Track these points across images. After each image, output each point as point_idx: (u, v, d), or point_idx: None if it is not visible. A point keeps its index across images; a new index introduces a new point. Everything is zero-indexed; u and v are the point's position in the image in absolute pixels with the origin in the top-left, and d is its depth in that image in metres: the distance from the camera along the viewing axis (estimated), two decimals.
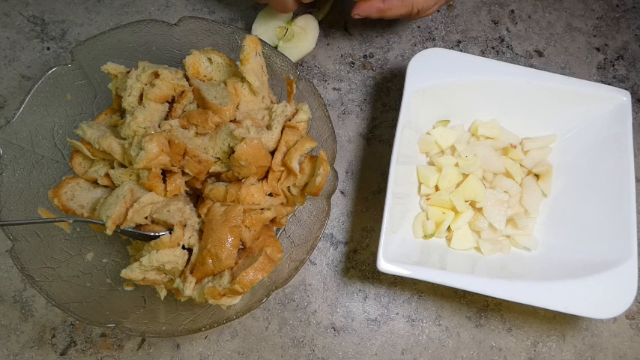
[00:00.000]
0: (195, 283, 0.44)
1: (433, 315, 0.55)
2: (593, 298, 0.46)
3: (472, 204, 0.55)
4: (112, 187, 0.48)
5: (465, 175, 0.56)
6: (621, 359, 0.54)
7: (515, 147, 0.57)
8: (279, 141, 0.47)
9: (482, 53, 0.66)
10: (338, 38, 0.65)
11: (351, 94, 0.63)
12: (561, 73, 0.57)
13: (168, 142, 0.45)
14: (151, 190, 0.45)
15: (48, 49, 0.64)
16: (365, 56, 0.65)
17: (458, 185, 0.56)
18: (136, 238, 0.47)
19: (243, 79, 0.48)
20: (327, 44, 0.65)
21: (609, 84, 0.64)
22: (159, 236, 0.44)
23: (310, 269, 0.56)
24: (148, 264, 0.43)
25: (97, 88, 0.52)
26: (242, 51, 0.46)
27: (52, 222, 0.45)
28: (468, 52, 0.64)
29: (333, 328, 0.54)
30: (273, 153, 0.47)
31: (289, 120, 0.48)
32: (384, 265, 0.46)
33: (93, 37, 0.49)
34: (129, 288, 0.49)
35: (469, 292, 0.47)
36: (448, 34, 0.67)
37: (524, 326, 0.55)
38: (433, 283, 0.52)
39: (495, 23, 0.68)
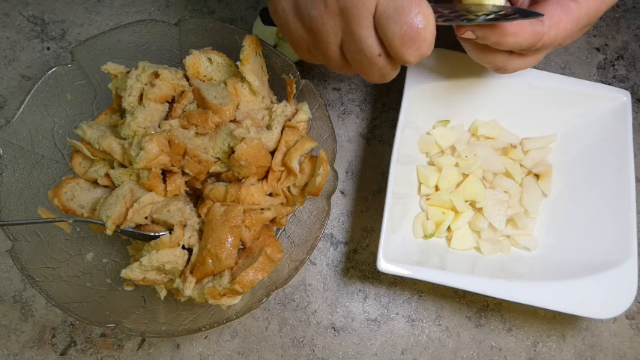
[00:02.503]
0: (195, 283, 0.44)
1: (433, 315, 0.55)
2: (593, 298, 0.46)
3: (472, 204, 0.55)
4: (112, 187, 0.48)
5: (465, 175, 0.56)
6: (621, 359, 0.54)
7: (515, 147, 0.57)
8: (279, 141, 0.47)
9: None
10: None
11: (351, 94, 0.63)
12: (561, 73, 0.57)
13: (168, 142, 0.45)
14: (151, 190, 0.45)
15: (48, 49, 0.64)
16: None
17: (458, 185, 0.56)
18: (136, 238, 0.47)
19: (243, 79, 0.48)
20: None
21: (609, 84, 0.64)
22: (159, 236, 0.44)
23: (310, 269, 0.56)
24: (148, 264, 0.43)
25: (97, 88, 0.52)
26: (242, 51, 0.47)
27: (52, 222, 0.45)
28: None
29: (333, 328, 0.54)
30: (273, 153, 0.47)
31: (289, 120, 0.48)
32: (384, 265, 0.46)
33: (93, 37, 0.49)
34: (129, 288, 0.49)
35: (469, 292, 0.47)
36: (448, 34, 0.67)
37: (524, 326, 0.55)
38: (433, 283, 0.52)
39: None
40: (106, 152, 0.46)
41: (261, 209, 0.47)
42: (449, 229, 0.55)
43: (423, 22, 0.34)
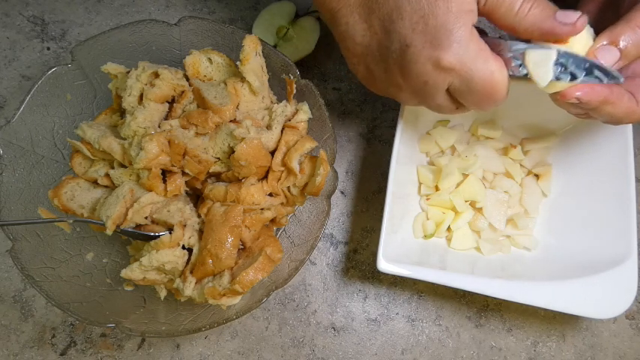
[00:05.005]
0: (195, 283, 0.44)
1: (433, 315, 0.55)
2: (593, 298, 0.46)
3: (472, 204, 0.55)
4: (112, 187, 0.48)
5: (465, 175, 0.56)
6: (621, 359, 0.54)
7: (515, 147, 0.57)
8: (279, 141, 0.47)
9: None
10: None
11: (351, 94, 0.63)
12: None
13: (168, 142, 0.45)
14: (151, 190, 0.45)
15: (48, 49, 0.64)
16: None
17: (458, 185, 0.56)
18: (136, 238, 0.47)
19: (243, 79, 0.48)
20: (327, 44, 0.65)
21: None
22: (159, 236, 0.44)
23: (310, 269, 0.56)
24: (148, 264, 0.43)
25: (97, 88, 0.52)
26: (242, 51, 0.47)
27: (52, 222, 0.45)
28: None
29: (333, 328, 0.54)
30: (273, 153, 0.47)
31: (289, 120, 0.48)
32: (384, 265, 0.46)
33: (93, 37, 0.49)
34: (129, 288, 0.49)
35: (469, 292, 0.47)
36: None
37: (524, 326, 0.55)
38: (433, 283, 0.52)
39: None
40: (106, 152, 0.46)
41: (261, 209, 0.47)
42: (449, 229, 0.55)
43: (496, 88, 0.37)
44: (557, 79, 0.37)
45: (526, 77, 0.38)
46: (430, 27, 0.35)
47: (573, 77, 0.37)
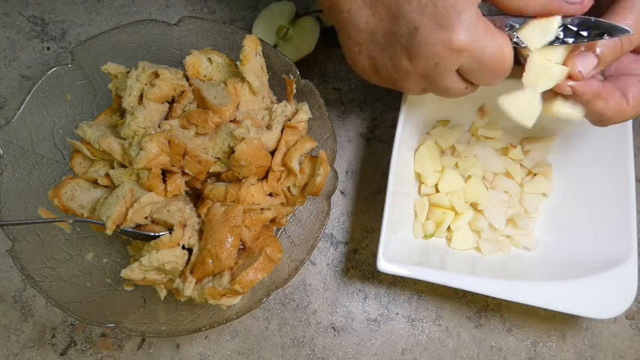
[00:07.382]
0: (195, 283, 0.44)
1: (433, 315, 0.55)
2: (593, 298, 0.46)
3: (472, 204, 0.55)
4: (112, 187, 0.48)
5: (468, 177, 0.56)
6: (621, 359, 0.54)
7: (515, 147, 0.57)
8: (279, 141, 0.47)
9: None
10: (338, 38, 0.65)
11: (351, 94, 0.63)
12: None
13: (168, 142, 0.45)
14: (151, 190, 0.45)
15: (48, 49, 0.64)
16: None
17: (458, 186, 0.56)
18: (136, 238, 0.47)
19: (243, 79, 0.48)
20: (327, 44, 0.65)
21: None
22: (159, 236, 0.44)
23: (310, 269, 0.56)
24: (148, 264, 0.43)
25: (97, 88, 0.52)
26: (242, 51, 0.47)
27: (52, 222, 0.45)
28: None
29: (333, 328, 0.54)
30: (273, 153, 0.47)
31: (289, 120, 0.48)
32: (384, 265, 0.46)
33: (93, 37, 0.49)
34: (129, 288, 0.49)
35: (469, 292, 0.47)
36: None
37: (524, 326, 0.55)
38: (433, 283, 0.52)
39: None
40: (106, 152, 0.46)
41: (261, 209, 0.47)
42: (449, 229, 0.55)
43: (505, 61, 0.38)
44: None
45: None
46: (439, 9, 0.36)
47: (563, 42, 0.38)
